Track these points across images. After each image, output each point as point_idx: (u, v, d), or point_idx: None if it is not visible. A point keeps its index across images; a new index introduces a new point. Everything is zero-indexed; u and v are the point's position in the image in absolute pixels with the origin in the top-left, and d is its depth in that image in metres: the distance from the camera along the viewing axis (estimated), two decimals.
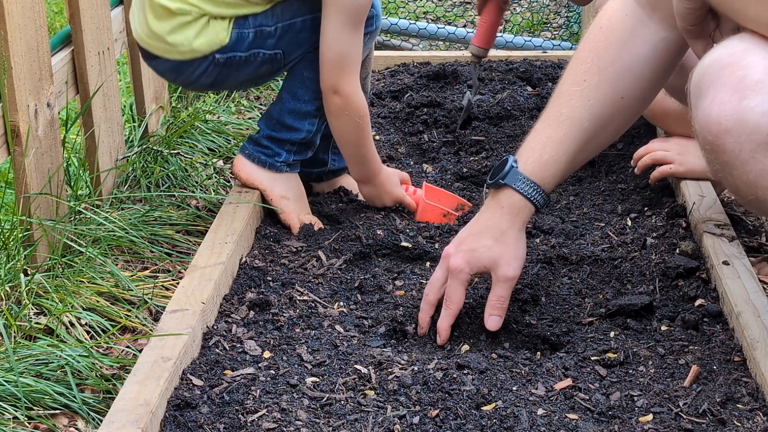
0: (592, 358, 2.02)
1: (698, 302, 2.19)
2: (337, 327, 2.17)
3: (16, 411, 1.91)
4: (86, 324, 2.22)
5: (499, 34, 4.70)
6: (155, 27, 2.59)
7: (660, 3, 2.03)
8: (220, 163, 3.12)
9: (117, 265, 2.48)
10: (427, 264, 2.49)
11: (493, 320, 2.10)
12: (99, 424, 1.88)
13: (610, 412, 1.85)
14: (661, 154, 2.74)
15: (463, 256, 2.10)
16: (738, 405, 1.85)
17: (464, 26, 5.14)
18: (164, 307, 2.17)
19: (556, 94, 2.12)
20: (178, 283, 2.29)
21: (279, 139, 2.69)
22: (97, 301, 2.28)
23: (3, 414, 1.91)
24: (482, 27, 3.22)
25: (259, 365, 2.01)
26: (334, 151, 2.83)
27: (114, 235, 2.52)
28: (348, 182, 2.89)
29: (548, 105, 2.12)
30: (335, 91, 2.62)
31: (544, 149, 2.08)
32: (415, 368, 1.97)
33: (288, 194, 2.69)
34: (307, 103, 2.67)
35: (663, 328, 2.13)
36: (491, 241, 2.09)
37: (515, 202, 2.08)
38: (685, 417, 1.83)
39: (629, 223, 2.67)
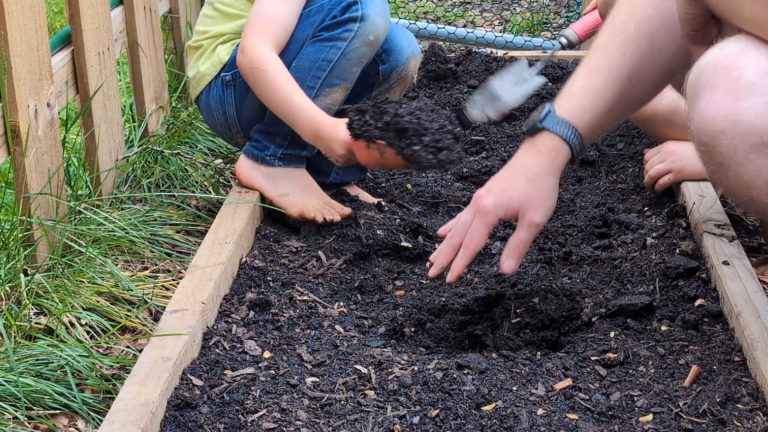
0: (592, 358, 2.02)
1: (698, 302, 2.19)
2: (337, 327, 2.17)
3: (16, 411, 1.91)
4: (86, 324, 2.22)
5: (498, 34, 4.70)
6: (187, 71, 2.77)
7: None
8: (220, 163, 3.12)
9: (117, 265, 2.48)
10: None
11: (509, 263, 2.07)
12: (99, 424, 1.87)
13: (610, 412, 1.85)
14: (658, 168, 2.76)
15: (492, 197, 2.07)
16: (738, 405, 1.85)
17: (464, 26, 5.14)
18: (164, 307, 2.17)
19: (594, 46, 2.10)
20: (178, 283, 2.29)
21: (269, 132, 2.69)
22: (97, 301, 2.28)
23: (3, 414, 1.91)
24: (588, 20, 3.13)
25: (259, 365, 2.01)
26: None
27: (114, 235, 2.52)
28: (350, 189, 2.87)
29: (586, 57, 2.11)
30: (241, 50, 2.56)
31: (582, 97, 2.07)
32: (415, 368, 1.97)
33: (287, 190, 2.67)
34: None
35: (663, 328, 2.13)
36: (523, 181, 2.06)
37: (554, 145, 2.05)
38: (685, 417, 1.83)
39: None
